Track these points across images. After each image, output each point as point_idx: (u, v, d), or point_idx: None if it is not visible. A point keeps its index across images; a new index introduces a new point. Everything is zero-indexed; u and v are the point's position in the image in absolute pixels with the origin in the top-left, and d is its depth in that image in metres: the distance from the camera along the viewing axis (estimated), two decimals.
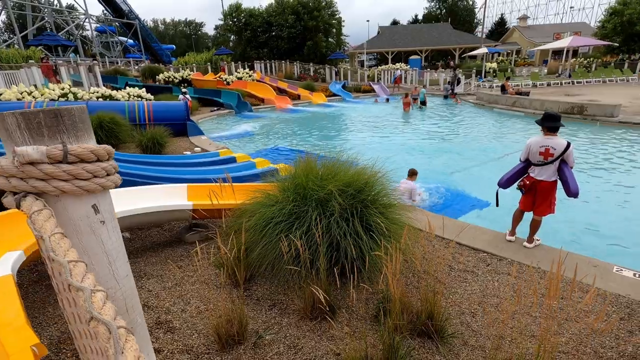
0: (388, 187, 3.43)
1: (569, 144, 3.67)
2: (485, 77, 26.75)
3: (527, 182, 3.87)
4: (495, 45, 41.48)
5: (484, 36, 42.19)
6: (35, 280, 3.48)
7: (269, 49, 32.52)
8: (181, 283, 3.39)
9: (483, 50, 28.57)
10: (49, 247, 0.53)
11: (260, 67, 28.05)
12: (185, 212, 4.03)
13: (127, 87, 14.85)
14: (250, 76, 23.58)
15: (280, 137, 12.82)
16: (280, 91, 22.11)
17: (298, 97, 21.78)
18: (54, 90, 11.67)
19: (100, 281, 0.75)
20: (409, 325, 2.64)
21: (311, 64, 28.78)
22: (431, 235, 4.15)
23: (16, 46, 23.47)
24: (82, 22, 35.72)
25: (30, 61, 13.97)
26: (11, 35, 39.80)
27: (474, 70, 25.40)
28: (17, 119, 0.63)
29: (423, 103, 18.23)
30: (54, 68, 14.85)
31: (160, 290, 3.27)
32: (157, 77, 22.10)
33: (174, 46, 55.61)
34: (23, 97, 10.54)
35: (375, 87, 24.72)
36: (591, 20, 56.89)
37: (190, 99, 15.51)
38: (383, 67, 31.52)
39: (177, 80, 21.94)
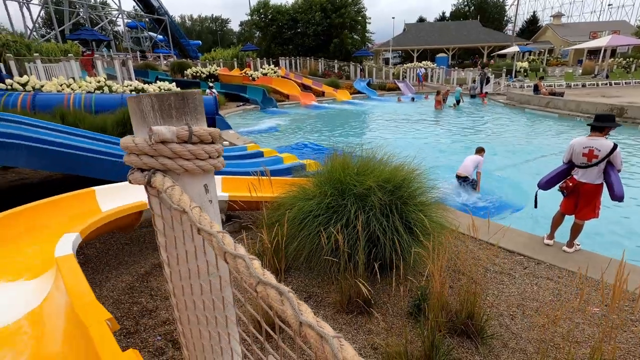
0: (426, 185, 3.40)
1: (615, 146, 3.52)
2: (515, 76, 25.91)
3: (570, 184, 3.75)
4: (527, 44, 40.04)
5: (514, 34, 40.81)
6: (82, 263, 3.66)
7: (293, 45, 32.65)
8: None
9: (514, 48, 27.67)
10: (195, 219, 0.57)
11: (285, 63, 28.22)
12: (221, 203, 4.14)
13: (158, 81, 15.31)
14: (275, 72, 23.75)
15: (305, 133, 12.89)
16: (305, 88, 22.18)
17: (322, 94, 21.80)
18: (90, 82, 12.17)
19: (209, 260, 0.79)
20: (448, 323, 2.62)
21: (336, 61, 28.71)
22: (475, 237, 4.09)
23: (53, 41, 24.59)
24: (115, 18, 37.00)
25: (69, 55, 14.59)
26: (48, 30, 41.69)
27: (504, 70, 24.64)
28: (152, 100, 0.67)
29: (458, 102, 17.94)
30: (92, 62, 15.48)
31: None
32: (185, 72, 22.63)
33: (200, 42, 56.69)
34: (62, 89, 11.04)
35: (401, 85, 24.41)
36: (631, 19, 54.02)
37: (217, 93, 15.80)
38: (408, 64, 31.07)
39: (204, 75, 22.40)
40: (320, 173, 3.65)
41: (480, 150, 6.72)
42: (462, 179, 6.40)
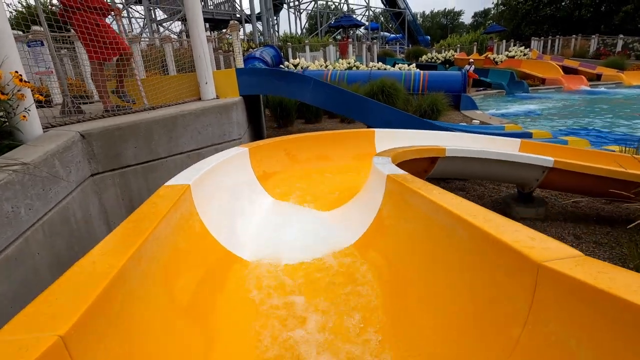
0: None
1: None
2: None
3: None
4: None
5: None
6: None
7: (551, 23, 26.44)
8: None
9: None
10: None
11: (538, 45, 23.17)
12: (533, 173, 2.73)
13: (396, 65, 15.29)
14: (525, 55, 19.84)
15: (580, 119, 9.55)
16: (567, 70, 17.30)
17: (597, 77, 16.37)
18: (342, 64, 13.30)
19: None
20: None
21: (620, 36, 21.05)
22: None
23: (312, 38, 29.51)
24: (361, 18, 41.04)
25: (330, 40, 16.58)
26: (309, 33, 51.18)
27: None
28: None
29: None
30: (347, 47, 17.25)
31: None
32: (419, 58, 22.16)
33: (429, 37, 55.84)
34: (322, 68, 12.46)
35: None
36: None
37: (471, 71, 14.40)
38: None
39: (439, 62, 21.24)
40: None
41: None
42: None
